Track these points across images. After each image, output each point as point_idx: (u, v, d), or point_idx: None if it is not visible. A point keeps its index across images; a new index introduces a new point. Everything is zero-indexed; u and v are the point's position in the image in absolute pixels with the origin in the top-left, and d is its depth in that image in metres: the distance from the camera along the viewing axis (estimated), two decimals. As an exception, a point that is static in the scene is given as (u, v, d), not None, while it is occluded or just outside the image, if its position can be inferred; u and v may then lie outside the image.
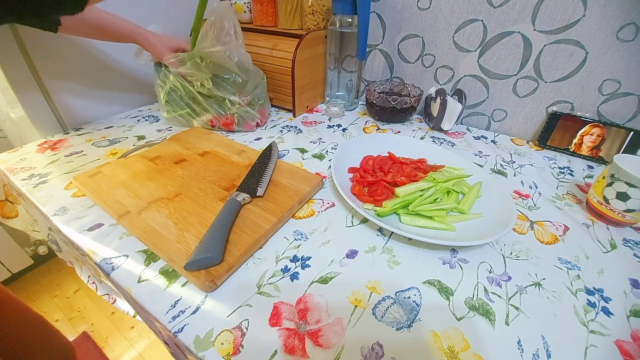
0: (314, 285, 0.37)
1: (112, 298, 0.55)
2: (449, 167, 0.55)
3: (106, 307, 1.12)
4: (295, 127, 0.75)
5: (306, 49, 0.73)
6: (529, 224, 0.47)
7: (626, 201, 0.44)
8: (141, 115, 0.79)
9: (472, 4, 0.67)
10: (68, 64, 0.68)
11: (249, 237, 0.40)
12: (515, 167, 0.62)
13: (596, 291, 0.37)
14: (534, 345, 0.31)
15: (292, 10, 0.74)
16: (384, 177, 0.51)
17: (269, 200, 0.46)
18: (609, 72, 0.61)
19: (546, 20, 0.62)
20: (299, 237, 0.43)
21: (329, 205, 0.49)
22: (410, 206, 0.45)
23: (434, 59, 0.78)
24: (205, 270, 0.35)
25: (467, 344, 0.31)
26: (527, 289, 0.37)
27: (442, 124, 0.73)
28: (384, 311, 0.34)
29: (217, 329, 0.32)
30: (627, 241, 0.45)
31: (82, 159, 0.59)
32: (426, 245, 0.42)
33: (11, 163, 0.58)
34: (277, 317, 0.33)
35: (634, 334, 0.33)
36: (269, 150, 0.58)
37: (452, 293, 0.36)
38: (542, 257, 0.42)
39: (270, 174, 0.52)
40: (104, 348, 1.01)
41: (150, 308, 0.34)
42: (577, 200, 0.53)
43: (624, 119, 0.63)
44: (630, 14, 0.55)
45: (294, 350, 0.30)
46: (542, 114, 0.70)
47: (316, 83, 0.83)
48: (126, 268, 0.38)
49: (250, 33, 0.80)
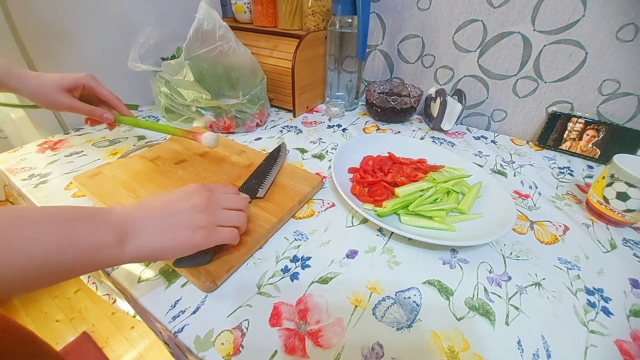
0: (314, 285, 0.37)
1: (112, 298, 0.55)
2: (449, 167, 0.55)
3: (106, 307, 1.12)
4: (295, 127, 0.75)
5: (306, 50, 0.73)
6: (529, 224, 0.47)
7: (626, 201, 0.44)
8: (141, 115, 0.79)
9: (472, 5, 0.67)
10: (68, 65, 0.68)
11: (249, 237, 0.40)
12: (515, 167, 0.62)
13: (596, 291, 0.37)
14: (534, 345, 0.31)
15: (292, 11, 0.74)
16: (384, 177, 0.51)
17: (269, 201, 0.46)
18: (608, 72, 0.61)
19: (546, 21, 0.62)
20: (299, 237, 0.43)
21: (329, 206, 0.49)
22: (410, 206, 0.45)
23: (434, 59, 0.78)
24: (205, 271, 0.35)
25: (467, 344, 0.31)
26: (527, 289, 0.37)
27: (442, 124, 0.73)
28: (384, 311, 0.34)
29: (217, 329, 0.32)
30: (627, 241, 0.45)
31: (82, 159, 0.59)
32: (426, 246, 0.42)
33: (11, 163, 0.58)
34: (277, 317, 0.33)
35: (634, 333, 0.33)
36: (277, 151, 0.58)
37: (452, 293, 0.36)
38: (542, 257, 0.42)
39: (274, 176, 0.51)
40: (104, 348, 1.01)
41: (150, 308, 0.34)
42: (577, 200, 0.53)
43: (624, 119, 0.63)
44: (629, 14, 0.55)
45: (294, 351, 0.30)
46: (542, 114, 0.70)
47: (316, 83, 0.83)
48: (126, 268, 0.38)
49: (251, 34, 0.80)
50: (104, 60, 0.74)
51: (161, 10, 0.81)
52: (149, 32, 0.66)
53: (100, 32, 0.71)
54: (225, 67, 0.63)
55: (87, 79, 0.47)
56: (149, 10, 0.79)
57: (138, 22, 0.62)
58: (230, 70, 0.64)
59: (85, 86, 0.47)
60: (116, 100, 0.50)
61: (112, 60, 0.74)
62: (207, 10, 0.57)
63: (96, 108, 0.49)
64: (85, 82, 0.47)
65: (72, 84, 0.46)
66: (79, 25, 0.67)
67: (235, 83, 0.65)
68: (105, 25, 0.71)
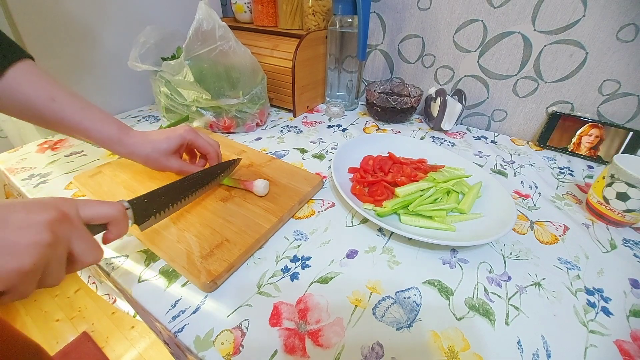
0: (314, 285, 0.37)
1: (112, 298, 0.55)
2: (449, 167, 0.55)
3: (107, 307, 1.13)
4: (296, 127, 0.75)
5: (306, 50, 0.73)
6: (529, 224, 0.47)
7: (626, 201, 0.44)
8: (141, 115, 0.79)
9: (472, 4, 0.67)
10: (68, 65, 0.68)
11: (249, 237, 0.40)
12: (515, 167, 0.62)
13: (596, 291, 0.37)
14: (534, 345, 0.31)
15: (292, 11, 0.74)
16: (384, 177, 0.51)
17: (269, 201, 0.46)
18: (608, 73, 0.61)
19: (546, 21, 0.62)
20: (299, 237, 0.43)
21: (329, 205, 0.49)
22: (410, 206, 0.45)
23: (434, 59, 0.78)
24: (205, 270, 0.35)
25: (467, 344, 0.31)
26: (527, 289, 0.37)
27: (442, 124, 0.73)
28: (384, 311, 0.34)
29: (218, 329, 0.32)
30: (627, 241, 0.45)
31: (82, 159, 0.59)
32: (426, 245, 0.42)
33: (11, 163, 0.58)
34: (277, 317, 0.33)
35: (634, 334, 0.33)
36: (220, 167, 0.48)
37: (452, 293, 0.36)
38: (542, 257, 0.42)
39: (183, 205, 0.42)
40: (104, 348, 1.01)
41: (151, 308, 0.34)
42: (577, 200, 0.53)
43: (624, 119, 0.63)
44: (630, 15, 0.55)
45: (294, 350, 0.30)
46: (542, 114, 0.70)
47: (316, 83, 0.83)
48: (126, 268, 0.38)
49: (251, 33, 0.80)
50: (105, 60, 0.74)
51: (162, 10, 0.81)
52: (149, 31, 0.66)
53: (101, 32, 0.71)
54: (225, 67, 0.63)
55: (189, 134, 0.46)
56: (150, 10, 0.79)
57: (138, 21, 0.62)
58: (231, 70, 0.64)
59: (188, 142, 0.47)
60: (211, 150, 0.48)
61: (112, 60, 0.74)
62: (206, 10, 0.57)
63: (200, 169, 0.49)
64: (189, 138, 0.46)
65: (177, 145, 0.46)
66: (80, 24, 0.67)
67: (236, 83, 0.65)
68: (107, 24, 0.71)
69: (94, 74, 0.73)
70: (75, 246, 0.25)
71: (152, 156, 0.44)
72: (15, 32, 0.60)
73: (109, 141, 0.42)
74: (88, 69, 0.72)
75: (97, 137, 0.42)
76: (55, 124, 0.40)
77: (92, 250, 0.27)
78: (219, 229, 0.41)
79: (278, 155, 0.62)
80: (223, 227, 0.41)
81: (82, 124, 0.41)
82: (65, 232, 0.24)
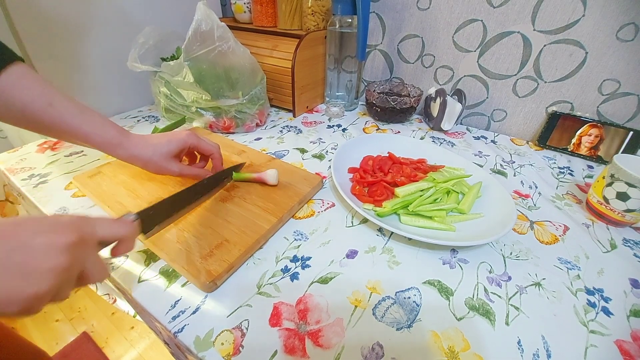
0: (314, 285, 0.37)
1: (112, 298, 0.55)
2: (449, 167, 0.55)
3: (106, 307, 1.12)
4: (295, 127, 0.75)
5: (306, 50, 0.73)
6: (529, 224, 0.47)
7: (626, 201, 0.44)
8: (141, 115, 0.79)
9: (472, 4, 0.67)
10: (68, 65, 0.68)
11: (249, 237, 0.40)
12: (515, 167, 0.62)
13: (596, 291, 0.37)
14: (534, 345, 0.31)
15: (291, 11, 0.74)
16: (384, 177, 0.51)
17: (269, 201, 0.46)
18: (608, 72, 0.61)
19: (546, 20, 0.62)
20: (299, 237, 0.43)
21: (329, 206, 0.49)
22: (410, 206, 0.45)
23: (434, 59, 0.78)
24: (205, 270, 0.35)
25: (467, 344, 0.31)
26: (527, 289, 0.37)
27: (442, 124, 0.73)
28: (384, 311, 0.34)
29: (217, 329, 0.32)
30: (627, 241, 0.45)
31: (82, 159, 0.59)
32: (426, 245, 0.42)
33: (11, 163, 0.58)
34: (277, 318, 0.33)
35: (634, 333, 0.33)
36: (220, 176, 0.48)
37: (452, 293, 0.36)
38: (542, 257, 0.42)
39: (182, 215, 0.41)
40: (104, 348, 1.01)
41: (150, 308, 0.34)
42: (577, 200, 0.53)
43: (624, 119, 0.63)
44: (629, 14, 0.55)
45: (294, 351, 0.30)
46: (542, 114, 0.70)
47: (316, 83, 0.83)
48: (126, 268, 0.38)
49: (250, 33, 0.80)
50: (104, 61, 0.74)
51: (161, 11, 0.81)
52: (148, 32, 0.66)
53: (100, 32, 0.71)
54: (224, 67, 0.63)
55: (191, 138, 0.46)
56: (149, 10, 0.79)
57: (138, 22, 0.62)
58: (230, 71, 0.64)
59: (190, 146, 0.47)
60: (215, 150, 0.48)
61: (112, 60, 0.74)
62: (205, 11, 0.57)
63: (200, 171, 0.49)
64: (190, 142, 0.46)
65: (179, 148, 0.45)
66: (79, 25, 0.67)
67: (235, 83, 0.65)
68: (105, 25, 0.71)
69: (94, 75, 0.73)
70: (88, 267, 0.25)
71: (152, 160, 0.43)
72: (14, 34, 0.60)
73: (110, 145, 0.42)
74: (88, 69, 0.72)
75: (97, 141, 0.41)
76: (54, 130, 0.39)
77: (101, 271, 0.27)
78: (218, 229, 0.41)
79: (278, 156, 0.62)
80: (223, 228, 0.41)
81: (82, 128, 0.39)
82: (81, 254, 0.24)
